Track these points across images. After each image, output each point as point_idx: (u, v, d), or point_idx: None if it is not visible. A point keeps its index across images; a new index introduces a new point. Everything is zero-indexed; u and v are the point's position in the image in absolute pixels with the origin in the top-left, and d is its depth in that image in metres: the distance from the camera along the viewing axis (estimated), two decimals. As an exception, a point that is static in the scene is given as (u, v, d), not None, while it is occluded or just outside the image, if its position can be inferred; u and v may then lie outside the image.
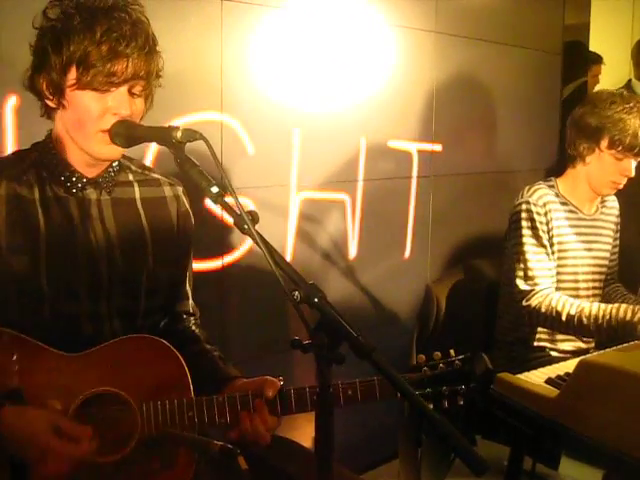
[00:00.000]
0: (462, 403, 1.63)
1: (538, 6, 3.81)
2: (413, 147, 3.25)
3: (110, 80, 1.53)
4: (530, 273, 2.54)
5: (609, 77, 5.75)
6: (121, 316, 1.68)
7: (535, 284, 2.53)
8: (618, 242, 2.83)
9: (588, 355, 2.08)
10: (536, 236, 2.56)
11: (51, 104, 1.59)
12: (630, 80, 4.79)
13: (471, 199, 3.58)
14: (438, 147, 3.35)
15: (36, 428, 1.42)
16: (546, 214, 2.58)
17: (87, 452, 1.44)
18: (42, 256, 1.59)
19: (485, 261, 3.18)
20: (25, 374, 1.53)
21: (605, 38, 5.70)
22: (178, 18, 2.34)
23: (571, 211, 2.65)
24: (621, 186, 2.64)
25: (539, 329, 2.64)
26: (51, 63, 1.53)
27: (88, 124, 1.56)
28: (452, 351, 1.66)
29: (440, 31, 3.26)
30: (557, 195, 2.64)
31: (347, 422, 1.58)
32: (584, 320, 2.43)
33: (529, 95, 3.81)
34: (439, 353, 1.65)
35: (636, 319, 2.34)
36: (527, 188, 2.65)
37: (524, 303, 2.54)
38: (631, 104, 2.50)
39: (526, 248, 2.56)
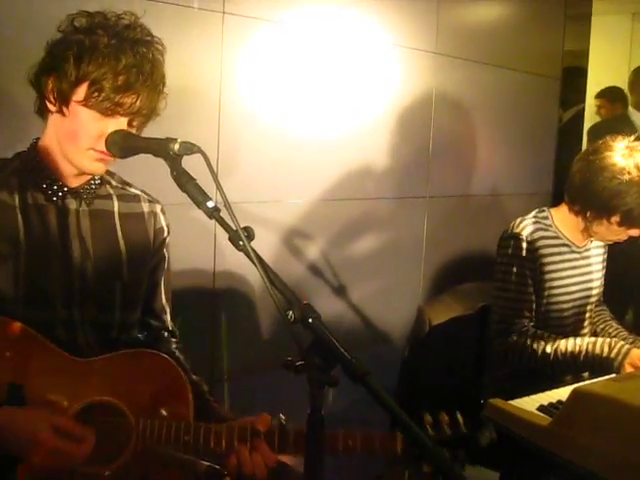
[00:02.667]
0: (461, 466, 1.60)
1: (538, 31, 3.82)
2: (408, 167, 3.24)
3: (116, 110, 1.55)
4: (507, 312, 2.47)
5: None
6: (94, 326, 1.69)
7: (510, 323, 2.45)
8: (605, 265, 2.76)
9: (581, 384, 2.06)
10: (520, 275, 2.45)
11: (51, 107, 1.60)
12: (627, 108, 4.80)
13: (465, 221, 3.58)
14: (434, 168, 3.34)
15: (36, 426, 1.42)
16: (536, 251, 2.47)
17: (86, 453, 1.44)
18: (20, 261, 1.59)
19: (478, 284, 3.17)
20: (28, 371, 1.52)
21: (603, 65, 5.74)
22: (179, 30, 2.33)
23: (564, 245, 2.55)
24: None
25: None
26: (66, 73, 1.54)
27: (82, 140, 1.58)
28: (459, 416, 1.63)
29: (440, 52, 3.26)
30: (549, 228, 2.54)
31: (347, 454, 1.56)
32: (559, 357, 2.36)
33: (527, 119, 3.81)
34: (446, 416, 1.62)
35: (612, 355, 2.28)
36: (518, 221, 2.53)
37: (498, 341, 2.47)
38: None
39: (508, 286, 2.47)
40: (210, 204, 1.31)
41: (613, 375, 2.19)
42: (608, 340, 2.34)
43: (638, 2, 5.35)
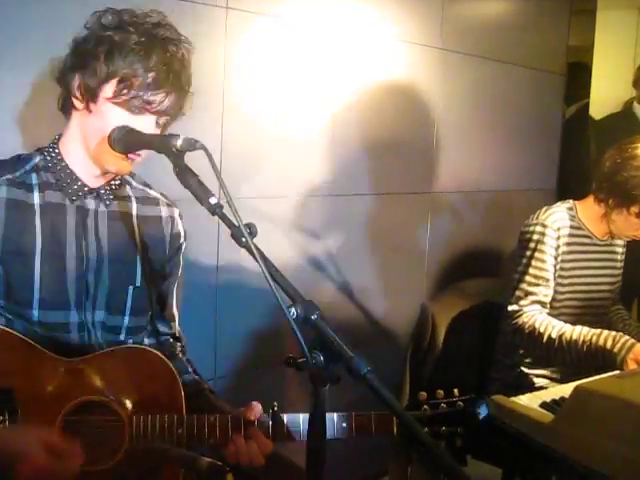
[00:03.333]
0: (459, 444, 1.61)
1: (543, 26, 3.81)
2: (413, 163, 3.24)
3: (145, 107, 1.55)
4: (522, 294, 2.52)
5: (612, 99, 5.76)
6: (105, 329, 1.68)
7: (524, 305, 2.51)
8: (623, 263, 2.79)
9: (584, 381, 2.06)
10: (541, 260, 2.52)
11: (77, 104, 1.59)
12: (632, 103, 4.78)
13: (469, 218, 3.57)
14: (438, 164, 3.34)
15: (26, 445, 1.40)
16: (558, 238, 2.53)
17: (76, 467, 1.42)
18: (36, 261, 1.58)
19: (482, 280, 3.17)
20: (18, 374, 1.52)
21: (608, 60, 5.71)
22: (182, 25, 2.32)
23: (586, 236, 2.61)
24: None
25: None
26: (96, 69, 1.54)
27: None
28: (456, 390, 1.63)
29: (445, 47, 3.26)
30: (573, 219, 2.60)
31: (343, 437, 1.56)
32: (564, 344, 2.39)
33: (531, 114, 3.80)
34: (441, 391, 1.63)
35: (616, 349, 2.29)
36: (544, 209, 2.60)
37: (510, 322, 2.52)
38: None
39: (529, 269, 2.52)
40: (213, 200, 1.30)
41: (616, 372, 2.19)
42: (614, 333, 2.35)
43: (644, -3, 5.32)
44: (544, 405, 2.04)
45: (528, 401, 2.06)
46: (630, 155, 2.46)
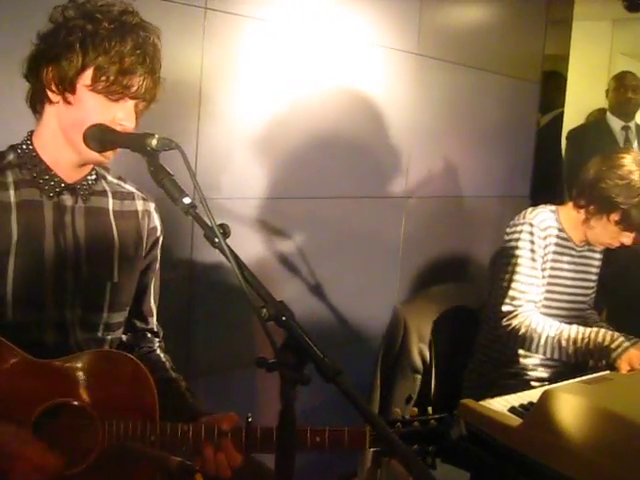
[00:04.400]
0: (430, 462, 1.61)
1: (519, 35, 3.84)
2: (387, 167, 3.25)
3: (124, 93, 1.54)
4: (517, 294, 2.55)
5: (587, 108, 5.84)
6: (83, 327, 1.67)
7: (519, 305, 2.54)
8: (599, 272, 2.84)
9: (552, 386, 2.08)
10: (533, 259, 2.56)
11: (53, 97, 1.57)
12: (605, 113, 4.85)
13: (443, 222, 3.59)
14: (412, 169, 3.35)
15: (5, 441, 1.41)
16: (545, 238, 2.58)
17: (55, 465, 1.43)
18: (11, 259, 1.56)
19: (454, 285, 3.19)
20: None
21: (583, 70, 5.78)
22: (160, 24, 2.31)
23: (566, 239, 2.66)
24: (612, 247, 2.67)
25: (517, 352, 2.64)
26: (71, 59, 1.52)
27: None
28: (430, 409, 1.63)
29: (422, 53, 3.27)
30: (556, 221, 2.64)
31: (315, 450, 1.56)
32: (562, 342, 2.44)
33: (506, 122, 3.84)
34: (415, 409, 1.62)
35: (613, 346, 2.35)
36: (530, 210, 2.64)
37: (504, 323, 2.54)
38: None
39: (520, 269, 2.55)
40: (186, 200, 1.30)
41: (583, 378, 2.22)
42: (611, 332, 2.42)
43: (619, 8, 5.38)
44: (513, 409, 2.06)
45: (497, 405, 2.09)
46: (615, 164, 2.52)
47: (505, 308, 2.56)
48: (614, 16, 7.10)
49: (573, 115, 5.35)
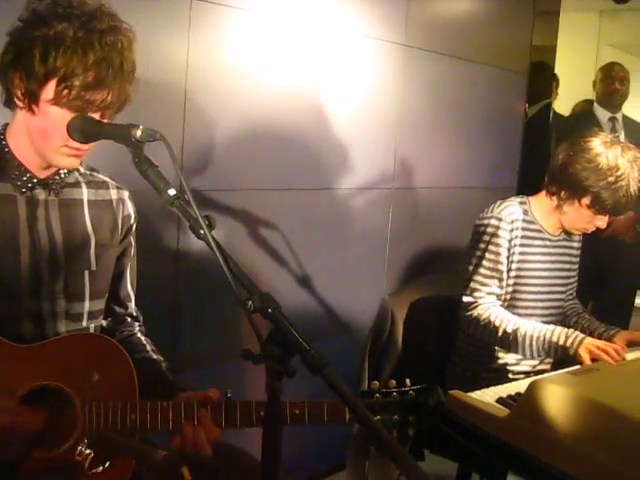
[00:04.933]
0: (411, 434, 1.61)
1: (507, 26, 3.85)
2: (375, 159, 3.25)
3: (87, 107, 1.51)
4: (477, 286, 2.56)
5: (573, 99, 5.84)
6: (67, 318, 1.68)
7: (480, 296, 2.54)
8: (579, 260, 2.83)
9: (539, 377, 2.09)
10: (495, 253, 2.55)
11: (19, 104, 1.55)
12: (592, 104, 4.86)
13: (430, 213, 3.60)
14: (400, 159, 3.35)
15: None
16: (512, 231, 2.57)
17: (34, 433, 1.46)
18: None
19: (442, 275, 3.19)
20: None
21: (570, 61, 5.79)
22: (145, 14, 2.30)
23: (538, 231, 2.64)
24: (589, 233, 2.66)
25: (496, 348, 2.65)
26: (33, 70, 1.49)
27: (54, 137, 1.54)
28: (408, 380, 1.64)
29: (409, 44, 3.27)
30: (526, 213, 2.63)
31: (295, 432, 1.55)
32: (519, 339, 2.44)
33: (493, 113, 3.84)
34: (394, 381, 1.64)
35: (568, 343, 2.36)
36: (498, 203, 2.63)
37: (466, 313, 2.56)
38: (622, 166, 2.44)
39: (483, 262, 2.56)
40: (171, 192, 1.30)
41: (571, 368, 2.22)
42: (565, 330, 2.42)
43: (606, 0, 5.39)
44: (500, 400, 2.07)
45: (484, 396, 2.09)
46: (582, 148, 2.51)
47: (466, 299, 2.57)
48: (601, 7, 7.13)
49: (560, 106, 5.36)
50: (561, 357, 2.41)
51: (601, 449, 1.74)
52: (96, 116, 1.54)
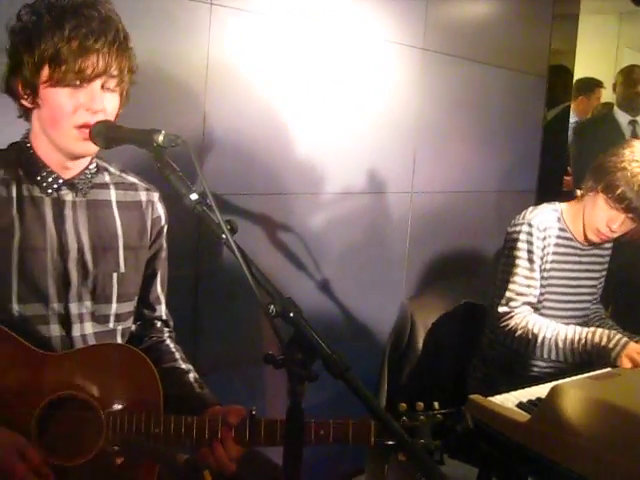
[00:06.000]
0: (437, 458, 1.59)
1: (526, 29, 3.83)
2: (394, 163, 3.25)
3: (81, 76, 1.52)
4: (513, 295, 2.53)
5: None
6: (93, 319, 1.68)
7: (516, 306, 2.52)
8: (607, 267, 2.81)
9: (560, 381, 2.07)
10: (530, 260, 2.54)
11: (27, 104, 1.58)
12: (612, 107, 4.83)
13: (449, 218, 3.58)
14: (419, 164, 3.35)
15: (3, 450, 1.41)
16: (544, 239, 2.55)
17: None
18: (14, 255, 1.57)
19: (461, 281, 3.18)
20: None
21: (590, 64, 5.76)
22: (166, 19, 2.32)
23: (568, 239, 2.63)
24: (606, 238, 2.61)
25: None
26: (24, 63, 1.52)
27: (62, 120, 1.55)
28: (436, 403, 1.62)
29: (428, 48, 3.26)
30: (559, 220, 2.62)
31: (320, 444, 1.55)
32: (560, 343, 2.43)
33: (512, 117, 3.82)
34: (421, 404, 1.60)
35: (611, 345, 2.34)
36: (530, 210, 2.62)
37: (501, 324, 2.54)
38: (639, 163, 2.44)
39: (518, 270, 2.54)
40: (193, 197, 1.30)
41: (592, 373, 2.21)
42: (607, 331, 2.40)
43: (625, 2, 5.36)
44: (521, 405, 2.06)
45: (505, 401, 2.08)
46: (621, 147, 2.51)
47: (502, 309, 2.55)
48: (621, 10, 7.09)
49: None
50: (601, 361, 2.37)
51: (622, 454, 1.72)
52: (96, 87, 1.54)
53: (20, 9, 1.56)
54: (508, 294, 2.54)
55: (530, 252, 2.54)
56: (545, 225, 2.56)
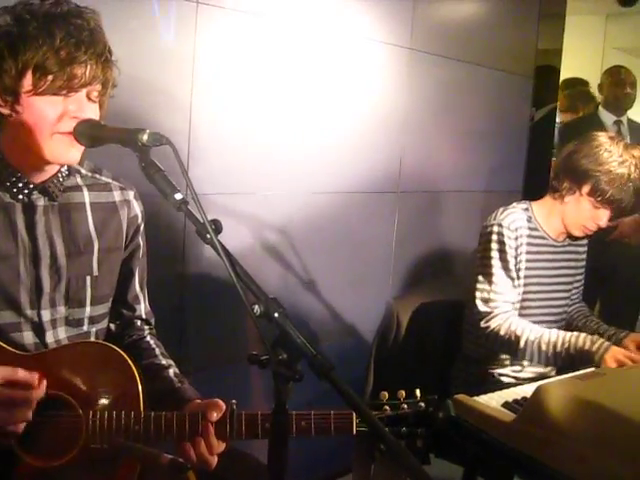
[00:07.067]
0: (420, 445, 1.60)
1: (513, 29, 3.84)
2: (380, 162, 3.25)
3: (70, 84, 1.49)
4: (493, 295, 2.54)
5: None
6: (67, 323, 1.67)
7: (496, 307, 2.53)
8: (584, 264, 2.83)
9: (545, 381, 2.08)
10: (503, 260, 2.54)
11: (4, 111, 1.53)
12: (597, 106, 4.85)
13: (436, 217, 3.59)
14: (405, 163, 3.35)
15: None
16: (516, 239, 2.56)
17: (39, 395, 1.46)
18: None
19: (448, 279, 3.19)
20: None
21: (576, 64, 5.78)
22: (151, 18, 2.31)
23: (541, 237, 2.63)
24: (590, 232, 2.63)
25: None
26: (5, 68, 1.48)
27: (45, 128, 1.51)
28: (418, 391, 1.62)
29: (414, 48, 3.27)
30: (530, 220, 2.62)
31: (301, 436, 1.55)
32: (542, 346, 2.43)
33: (499, 117, 3.83)
34: (403, 392, 1.61)
35: (594, 348, 2.34)
36: (501, 210, 2.62)
37: (483, 324, 2.54)
38: (624, 157, 2.46)
39: (492, 270, 2.55)
40: (178, 196, 1.29)
41: (577, 373, 2.22)
42: (590, 336, 2.41)
43: (612, 3, 5.39)
44: (506, 405, 2.06)
45: (490, 401, 2.09)
46: (587, 140, 2.54)
47: (482, 309, 2.55)
48: (607, 11, 7.12)
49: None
50: (584, 363, 2.38)
51: (606, 454, 1.73)
52: (81, 96, 1.52)
53: None
54: (487, 295, 2.55)
55: (502, 252, 2.55)
56: (516, 225, 2.57)
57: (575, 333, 2.43)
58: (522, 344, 2.45)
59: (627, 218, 3.25)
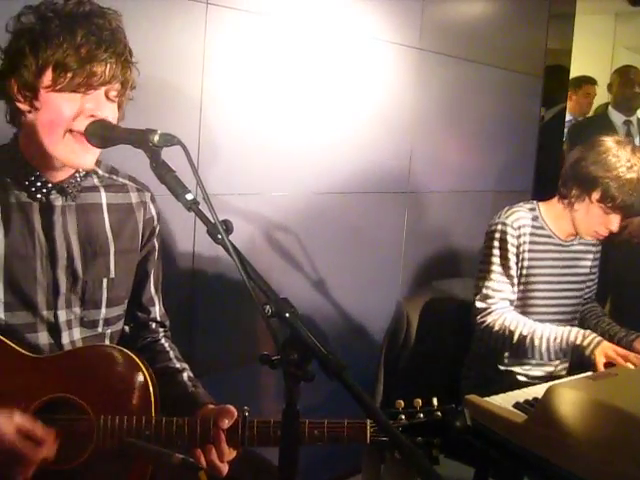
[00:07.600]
0: (435, 454, 1.58)
1: (522, 29, 3.83)
2: (389, 162, 3.24)
3: (89, 82, 1.50)
4: (489, 292, 2.56)
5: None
6: (82, 325, 1.67)
7: (492, 303, 2.55)
8: (598, 264, 2.82)
9: (557, 382, 2.07)
10: (504, 257, 2.56)
11: (23, 107, 1.54)
12: (607, 106, 4.84)
13: (446, 217, 3.59)
14: (415, 163, 3.35)
15: (1, 430, 1.39)
16: (519, 237, 2.56)
17: (49, 454, 1.43)
18: (1, 262, 1.55)
19: (458, 279, 3.18)
20: None
21: (586, 64, 5.77)
22: (161, 19, 2.31)
23: (547, 236, 2.63)
24: (602, 237, 2.62)
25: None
26: (26, 64, 1.49)
27: (60, 126, 1.51)
28: (435, 400, 1.61)
29: (424, 48, 3.26)
30: (536, 219, 2.62)
31: (314, 444, 1.54)
32: (535, 341, 2.45)
33: (508, 117, 3.83)
34: (419, 400, 1.60)
35: (585, 343, 2.37)
36: (506, 209, 2.63)
37: (479, 320, 2.57)
38: (632, 161, 2.45)
39: (492, 267, 2.57)
40: (189, 196, 1.29)
41: (589, 373, 2.21)
42: (582, 330, 2.43)
43: (621, 2, 5.36)
44: (517, 405, 2.05)
45: (501, 401, 2.08)
46: (594, 145, 2.53)
47: (479, 305, 2.58)
48: (617, 10, 7.09)
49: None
50: (578, 358, 2.42)
51: (619, 455, 1.72)
52: (100, 94, 1.53)
53: (21, 10, 1.53)
54: (485, 291, 2.57)
55: (503, 250, 2.56)
56: (519, 224, 2.58)
57: (568, 328, 2.46)
58: (516, 339, 2.47)
59: (636, 218, 3.23)
